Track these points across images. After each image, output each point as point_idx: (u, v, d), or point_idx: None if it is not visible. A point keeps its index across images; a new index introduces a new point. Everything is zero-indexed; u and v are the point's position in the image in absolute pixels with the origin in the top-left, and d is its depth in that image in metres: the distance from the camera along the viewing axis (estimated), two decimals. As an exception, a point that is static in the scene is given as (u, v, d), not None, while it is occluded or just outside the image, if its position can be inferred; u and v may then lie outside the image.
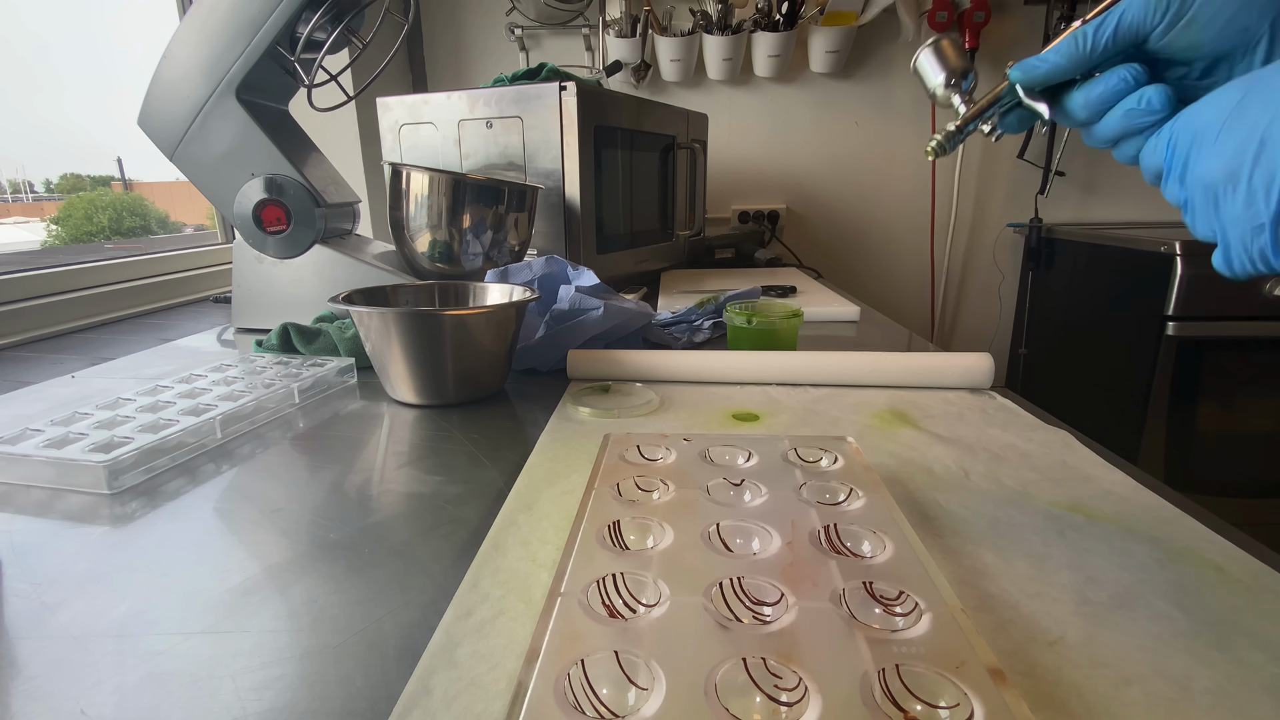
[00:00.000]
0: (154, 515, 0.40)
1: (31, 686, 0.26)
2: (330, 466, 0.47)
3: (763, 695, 0.22)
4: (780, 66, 1.63)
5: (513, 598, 0.30)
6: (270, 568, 0.34)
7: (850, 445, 0.42)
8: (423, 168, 0.82)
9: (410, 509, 0.41)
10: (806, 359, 0.62)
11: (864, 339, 0.83)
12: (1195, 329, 1.31)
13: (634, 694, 0.22)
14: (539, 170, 0.96)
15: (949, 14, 1.54)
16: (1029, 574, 0.32)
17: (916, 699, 0.22)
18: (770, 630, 0.25)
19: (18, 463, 0.44)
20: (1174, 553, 0.34)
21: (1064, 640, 0.27)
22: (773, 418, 0.54)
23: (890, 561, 0.30)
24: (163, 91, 0.78)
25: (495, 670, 0.26)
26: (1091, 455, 0.46)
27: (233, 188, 0.80)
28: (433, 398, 0.59)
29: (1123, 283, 1.44)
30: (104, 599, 0.32)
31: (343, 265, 0.82)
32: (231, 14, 0.75)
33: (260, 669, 0.27)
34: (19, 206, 1.24)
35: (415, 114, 1.02)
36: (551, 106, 0.92)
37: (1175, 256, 1.29)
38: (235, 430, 0.52)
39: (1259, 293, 1.29)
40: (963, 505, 0.39)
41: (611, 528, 0.32)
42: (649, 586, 0.28)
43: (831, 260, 1.80)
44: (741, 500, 0.35)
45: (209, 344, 0.83)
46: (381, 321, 0.56)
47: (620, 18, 1.60)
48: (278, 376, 0.60)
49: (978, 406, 0.55)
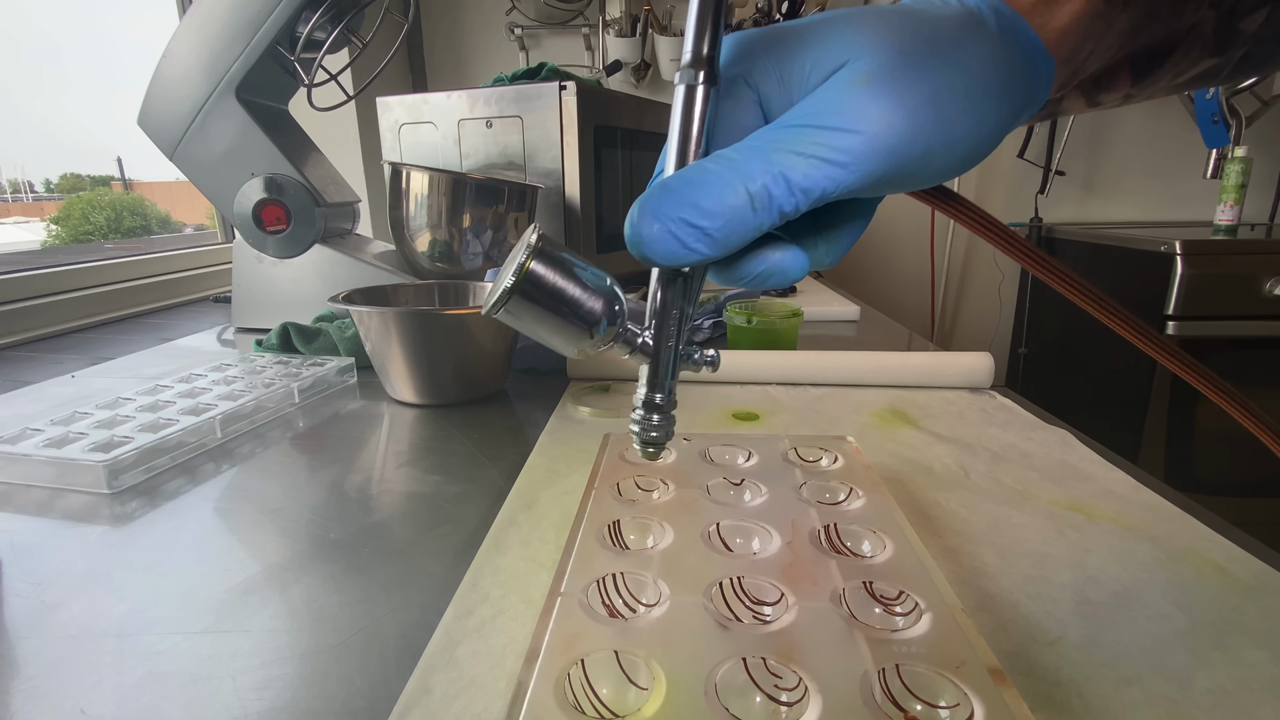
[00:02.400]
0: (154, 515, 0.40)
1: (31, 686, 0.26)
2: (330, 466, 0.47)
3: (763, 695, 0.22)
4: (780, 66, 1.62)
5: (513, 597, 0.30)
6: (270, 567, 0.34)
7: (850, 445, 0.42)
8: (422, 167, 0.82)
9: (410, 509, 0.41)
10: (806, 358, 0.62)
11: (864, 338, 0.83)
12: (1195, 328, 1.31)
13: (634, 694, 0.22)
14: (539, 170, 0.96)
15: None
16: (1029, 573, 0.32)
17: (916, 699, 0.22)
18: (770, 630, 0.25)
19: (18, 462, 0.44)
20: (1174, 552, 0.34)
21: (1064, 640, 0.27)
22: (773, 417, 0.54)
23: (890, 561, 0.29)
24: (162, 91, 0.78)
25: (495, 670, 0.26)
26: (1091, 454, 0.46)
27: (232, 187, 0.80)
28: (432, 397, 0.59)
29: (1123, 282, 1.44)
30: (104, 598, 0.32)
31: (343, 265, 0.82)
32: (231, 13, 0.75)
33: (260, 668, 0.27)
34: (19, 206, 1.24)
35: (415, 113, 1.02)
36: (551, 106, 0.92)
37: (1175, 256, 1.29)
38: (235, 430, 0.52)
39: (1260, 292, 1.29)
40: (963, 505, 0.39)
41: (611, 527, 0.32)
42: (649, 586, 0.28)
43: (831, 260, 1.80)
44: (741, 500, 0.35)
45: (209, 344, 0.83)
46: (381, 321, 0.56)
47: (620, 17, 1.60)
48: (278, 376, 0.60)
49: (978, 406, 0.55)
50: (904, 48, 0.20)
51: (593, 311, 0.20)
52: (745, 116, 0.21)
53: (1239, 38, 0.25)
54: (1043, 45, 0.22)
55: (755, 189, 0.19)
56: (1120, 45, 0.24)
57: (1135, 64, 0.25)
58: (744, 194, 0.19)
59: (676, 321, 0.22)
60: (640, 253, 0.20)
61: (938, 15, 0.21)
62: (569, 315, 0.20)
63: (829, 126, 0.19)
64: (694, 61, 0.19)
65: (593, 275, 0.21)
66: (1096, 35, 0.23)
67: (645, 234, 0.19)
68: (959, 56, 0.20)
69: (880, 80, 0.19)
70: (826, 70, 0.20)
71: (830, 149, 0.19)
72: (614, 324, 0.21)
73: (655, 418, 0.23)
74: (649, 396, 0.23)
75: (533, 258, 0.19)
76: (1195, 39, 0.25)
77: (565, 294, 0.20)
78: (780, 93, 0.21)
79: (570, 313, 0.20)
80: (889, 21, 0.20)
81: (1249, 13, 0.24)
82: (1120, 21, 0.23)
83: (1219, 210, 1.52)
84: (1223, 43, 0.25)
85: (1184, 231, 1.48)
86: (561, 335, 0.20)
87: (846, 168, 0.19)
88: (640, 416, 0.23)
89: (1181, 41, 0.25)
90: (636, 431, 0.23)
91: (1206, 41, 0.25)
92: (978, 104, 0.20)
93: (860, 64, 0.19)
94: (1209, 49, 0.25)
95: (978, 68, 0.20)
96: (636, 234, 0.20)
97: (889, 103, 0.19)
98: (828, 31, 0.20)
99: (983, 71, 0.20)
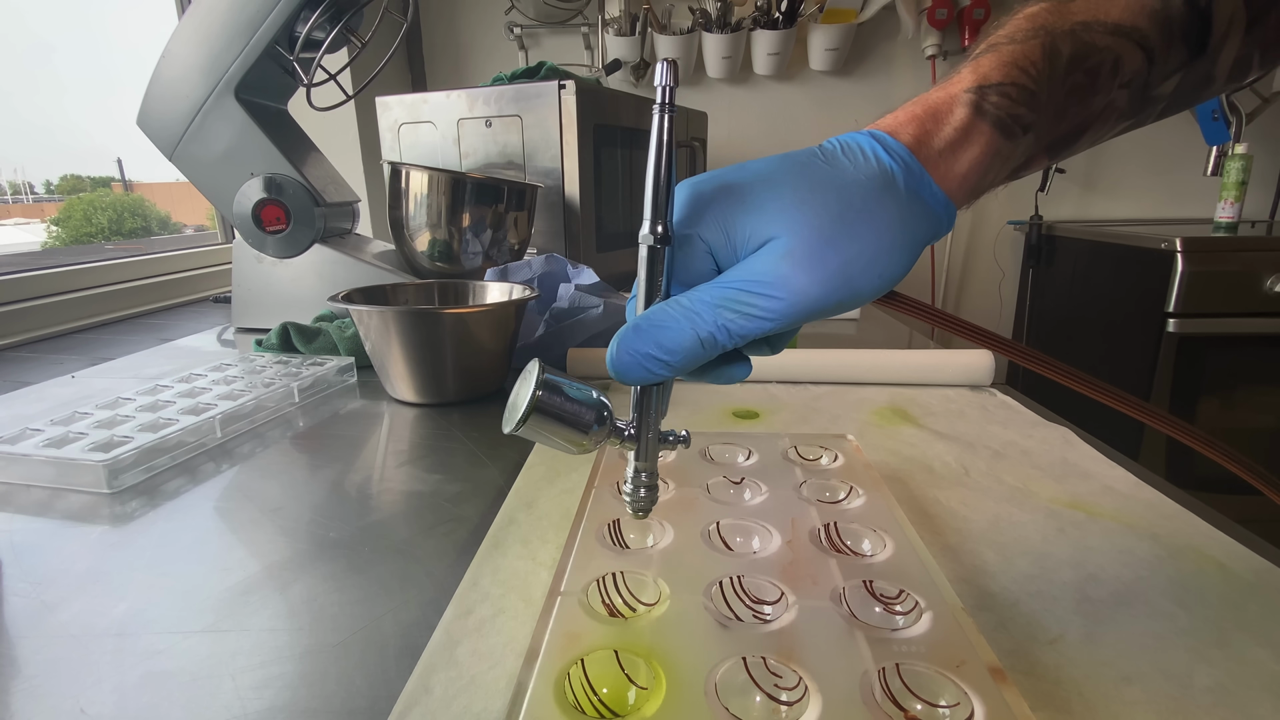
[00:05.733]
0: (154, 514, 0.40)
1: (31, 685, 0.26)
2: (330, 465, 0.47)
3: (763, 694, 0.22)
4: (780, 64, 1.62)
5: (513, 596, 0.30)
6: (270, 566, 0.34)
7: (850, 443, 0.42)
8: (422, 167, 0.82)
9: (410, 508, 0.41)
10: (807, 356, 0.62)
11: (864, 336, 0.82)
12: (1196, 325, 1.31)
13: (634, 693, 0.22)
14: (538, 169, 0.95)
15: (949, 11, 1.54)
16: (1029, 572, 0.32)
17: (917, 698, 0.22)
18: (770, 629, 0.25)
19: (18, 462, 0.44)
20: (1175, 549, 0.34)
21: (1064, 638, 0.27)
22: (773, 415, 0.54)
23: (890, 560, 0.29)
24: (162, 91, 0.78)
25: (495, 669, 0.26)
26: (1092, 452, 0.46)
27: (232, 187, 0.80)
28: (432, 396, 0.59)
29: (1123, 280, 1.44)
30: (104, 598, 0.32)
31: (342, 264, 0.82)
32: (230, 13, 0.75)
33: (260, 667, 0.27)
34: (19, 208, 1.24)
35: (414, 113, 1.02)
36: (551, 105, 0.92)
37: (1176, 253, 1.29)
38: (235, 429, 0.52)
39: (1260, 289, 1.29)
40: (963, 503, 0.39)
41: (611, 526, 0.32)
42: (649, 585, 0.28)
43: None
44: (741, 498, 0.35)
45: (209, 344, 0.83)
46: (381, 320, 0.56)
47: (619, 16, 1.60)
48: (277, 376, 0.60)
49: (978, 403, 0.55)
50: (821, 227, 0.24)
51: (587, 419, 0.26)
52: (697, 262, 0.26)
53: (1155, 101, 0.27)
54: (944, 196, 0.26)
55: (704, 335, 0.24)
56: (1028, 153, 0.27)
57: (1051, 149, 0.27)
58: (695, 338, 0.24)
59: (653, 417, 0.28)
60: (618, 377, 0.25)
61: (853, 179, 0.25)
62: (571, 424, 0.26)
63: (758, 292, 0.24)
64: (651, 229, 0.25)
65: (584, 391, 0.27)
66: (996, 168, 0.26)
67: (621, 364, 0.25)
68: (869, 223, 0.25)
69: (799, 258, 0.24)
70: (760, 240, 0.25)
71: (759, 309, 0.24)
72: (603, 425, 0.27)
73: (642, 491, 0.29)
74: (636, 473, 0.28)
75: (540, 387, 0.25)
76: (1110, 113, 0.27)
77: (567, 408, 0.26)
78: (725, 247, 0.25)
79: (572, 421, 0.26)
80: (813, 194, 0.25)
81: (1163, 80, 0.26)
82: (1019, 148, 0.26)
83: (1219, 207, 1.52)
84: (1139, 108, 0.27)
85: (1184, 229, 1.48)
86: (567, 440, 0.26)
87: (771, 320, 0.24)
88: (630, 490, 0.29)
89: (1095, 121, 0.27)
90: (628, 500, 0.29)
91: (1122, 112, 0.27)
92: (881, 264, 0.25)
93: (784, 241, 0.24)
94: (1125, 116, 0.27)
95: (885, 230, 0.25)
96: (615, 363, 0.25)
97: (806, 276, 0.24)
98: (764, 201, 0.25)
99: (890, 232, 0.25)
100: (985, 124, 0.25)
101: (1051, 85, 0.25)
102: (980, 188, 0.27)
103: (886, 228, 0.25)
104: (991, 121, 0.25)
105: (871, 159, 0.25)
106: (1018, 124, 0.25)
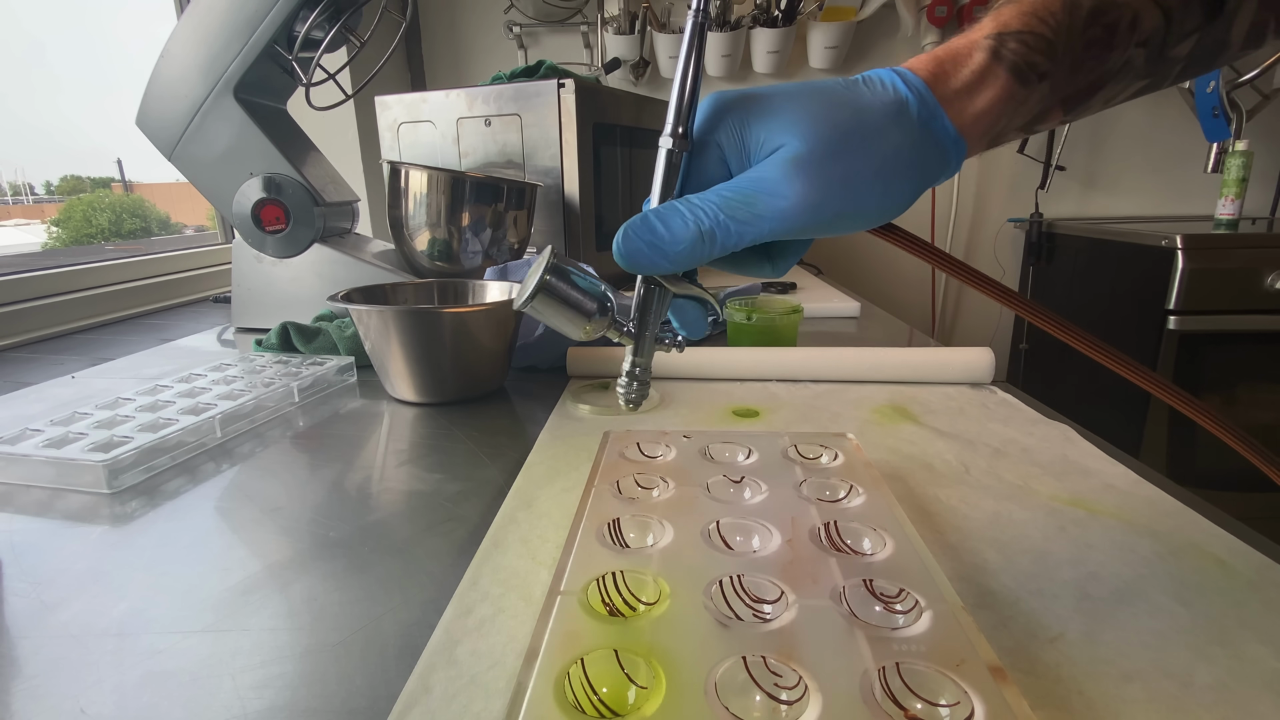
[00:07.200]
0: (154, 514, 0.40)
1: (31, 685, 0.26)
2: (330, 465, 0.47)
3: (763, 694, 0.22)
4: (780, 62, 1.62)
5: (512, 596, 0.30)
6: (270, 566, 0.34)
7: (850, 441, 0.42)
8: (421, 166, 0.82)
9: (410, 507, 0.41)
10: (807, 355, 0.62)
11: (864, 335, 0.82)
12: (1197, 323, 1.31)
13: (634, 693, 0.22)
14: (538, 168, 0.95)
15: (948, 9, 1.54)
16: (1030, 570, 0.32)
17: (917, 697, 0.22)
18: (770, 628, 0.25)
19: (18, 463, 0.44)
20: (1176, 547, 0.34)
21: (1065, 637, 0.27)
22: (773, 414, 0.54)
23: (891, 558, 0.29)
24: (161, 91, 0.78)
25: (495, 669, 0.26)
26: (1093, 449, 0.45)
27: (231, 187, 0.80)
28: (432, 396, 0.59)
29: (1124, 277, 1.44)
30: (104, 598, 0.32)
31: (342, 264, 0.82)
32: (229, 13, 0.75)
33: (260, 667, 0.27)
34: (19, 209, 1.24)
35: (414, 112, 1.02)
36: (550, 104, 0.92)
37: (1176, 251, 1.28)
38: (235, 429, 0.52)
39: (1261, 286, 1.29)
40: (963, 501, 0.39)
41: (611, 525, 0.32)
42: (649, 584, 0.28)
43: (832, 256, 1.80)
44: (741, 497, 0.35)
45: (209, 344, 0.83)
46: (381, 320, 0.56)
47: (619, 15, 1.60)
48: (277, 375, 0.60)
49: (978, 401, 0.55)
50: (830, 138, 0.26)
51: (590, 306, 0.28)
52: (712, 168, 0.28)
53: (1172, 63, 0.28)
54: (955, 131, 0.27)
55: (705, 228, 0.26)
56: (1043, 103, 0.27)
57: (1066, 102, 0.28)
58: (697, 230, 0.26)
59: (653, 314, 0.30)
60: (623, 262, 0.27)
61: (869, 103, 0.27)
62: (574, 308, 0.28)
63: (762, 191, 0.26)
64: (673, 133, 0.27)
65: (591, 282, 0.29)
66: (1010, 113, 0.27)
67: (627, 249, 0.27)
68: (877, 143, 0.26)
69: (804, 164, 0.26)
70: (771, 147, 0.27)
71: (760, 208, 0.26)
72: (605, 315, 0.29)
73: (635, 384, 0.31)
74: (631, 367, 0.31)
75: (549, 271, 0.27)
76: (1127, 71, 0.27)
77: (571, 294, 0.28)
78: (739, 153, 0.28)
79: (575, 306, 0.28)
80: (828, 110, 0.26)
81: (1179, 41, 0.27)
82: (1035, 95, 0.27)
83: (1220, 204, 1.51)
84: (1155, 69, 0.28)
85: (1185, 226, 1.47)
86: (570, 322, 0.28)
87: (772, 221, 0.26)
88: (624, 382, 0.31)
89: (1111, 79, 0.28)
90: (621, 393, 0.31)
91: (1139, 71, 0.28)
92: (887, 182, 0.26)
93: (792, 146, 0.26)
94: (1142, 75, 0.28)
95: (893, 153, 0.26)
96: (621, 248, 0.27)
97: (809, 182, 0.26)
98: (780, 111, 0.27)
99: (897, 156, 0.26)
100: (1002, 68, 0.26)
101: (1070, 36, 0.26)
102: (993, 132, 0.28)
103: (894, 151, 0.26)
104: (1008, 66, 0.26)
105: (889, 88, 0.27)
106: (1034, 71, 0.26)
